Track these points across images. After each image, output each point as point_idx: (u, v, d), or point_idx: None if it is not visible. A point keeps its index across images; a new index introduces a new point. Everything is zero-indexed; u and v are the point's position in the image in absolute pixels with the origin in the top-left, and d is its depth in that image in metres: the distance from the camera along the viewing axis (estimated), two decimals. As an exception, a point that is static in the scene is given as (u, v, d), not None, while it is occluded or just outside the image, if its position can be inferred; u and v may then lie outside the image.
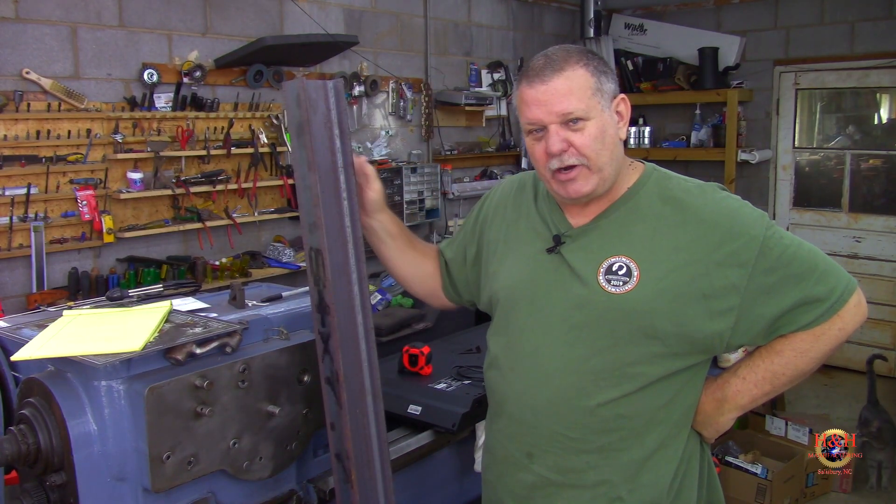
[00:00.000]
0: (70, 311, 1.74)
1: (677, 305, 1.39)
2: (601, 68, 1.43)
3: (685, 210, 1.43)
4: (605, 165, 1.43)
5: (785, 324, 1.41)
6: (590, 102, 1.40)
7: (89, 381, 1.47)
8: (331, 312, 1.51)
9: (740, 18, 5.98)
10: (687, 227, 1.42)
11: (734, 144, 5.75)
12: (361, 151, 4.78)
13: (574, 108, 1.40)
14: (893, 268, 5.48)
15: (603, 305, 1.42)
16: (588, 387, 1.45)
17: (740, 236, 1.39)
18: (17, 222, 3.30)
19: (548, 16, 6.27)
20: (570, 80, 1.40)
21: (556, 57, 1.42)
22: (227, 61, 3.97)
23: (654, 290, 1.39)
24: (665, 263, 1.41)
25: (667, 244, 1.42)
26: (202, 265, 3.80)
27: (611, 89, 1.44)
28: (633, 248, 1.43)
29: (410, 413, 2.23)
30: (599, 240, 1.47)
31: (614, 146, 1.45)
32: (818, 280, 1.39)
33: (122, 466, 1.48)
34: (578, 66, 1.41)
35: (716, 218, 1.41)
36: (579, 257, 1.47)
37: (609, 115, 1.43)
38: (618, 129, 1.46)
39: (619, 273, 1.42)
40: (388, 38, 4.97)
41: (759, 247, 1.38)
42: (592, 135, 1.41)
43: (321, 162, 1.49)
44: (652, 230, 1.44)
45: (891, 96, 5.73)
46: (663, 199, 1.46)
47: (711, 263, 1.38)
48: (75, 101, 3.46)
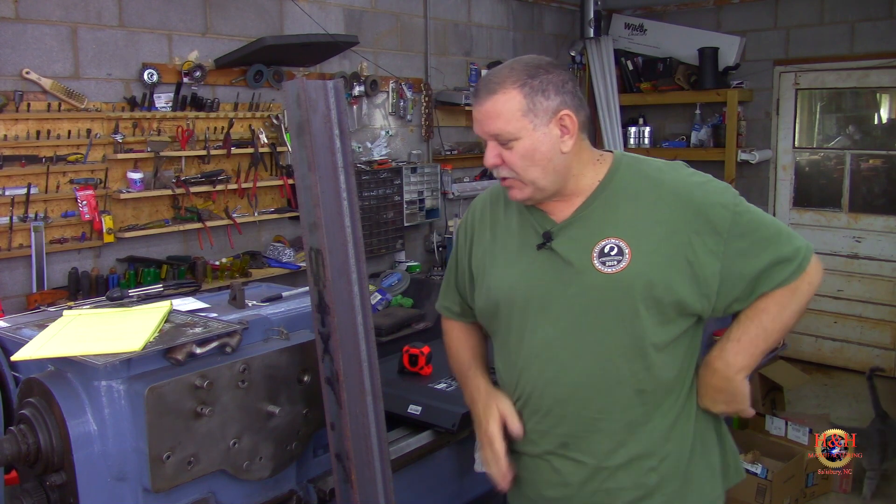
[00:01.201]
0: (70, 311, 1.74)
1: (669, 274, 1.48)
2: (541, 87, 1.48)
3: (660, 187, 1.53)
4: (536, 179, 1.52)
5: (763, 282, 1.51)
6: (518, 124, 1.48)
7: (89, 381, 1.47)
8: (331, 312, 1.51)
9: (740, 18, 5.98)
10: (664, 201, 1.51)
11: (734, 144, 5.75)
12: (361, 151, 4.78)
13: (500, 129, 1.50)
14: (893, 268, 5.48)
15: (602, 286, 1.50)
16: (605, 368, 1.52)
17: (713, 206, 1.50)
18: (17, 222, 3.30)
19: (548, 16, 6.27)
20: (498, 103, 1.49)
21: (493, 78, 1.51)
22: (227, 61, 3.97)
23: (647, 263, 1.48)
24: (651, 237, 1.50)
25: (649, 219, 1.51)
26: (202, 265, 3.80)
27: (550, 107, 1.49)
28: (619, 228, 1.52)
29: (410, 413, 2.23)
30: (586, 228, 1.54)
31: (548, 161, 1.51)
32: (785, 242, 1.52)
33: (122, 466, 1.48)
34: (513, 88, 1.48)
35: (689, 190, 1.52)
36: (570, 247, 1.54)
37: (544, 133, 1.50)
38: (560, 143, 1.51)
39: (612, 254, 1.50)
40: (388, 38, 4.97)
41: (731, 215, 1.49)
42: (520, 153, 1.50)
43: (321, 162, 1.49)
44: (634, 209, 1.53)
45: (891, 96, 5.73)
46: (637, 178, 1.56)
47: (691, 233, 1.48)
48: (75, 101, 3.46)
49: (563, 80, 1.52)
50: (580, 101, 1.54)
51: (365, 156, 4.78)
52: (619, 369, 1.52)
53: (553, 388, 1.57)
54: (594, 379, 1.53)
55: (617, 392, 1.53)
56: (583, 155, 1.57)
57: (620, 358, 1.51)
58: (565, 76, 1.53)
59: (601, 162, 1.59)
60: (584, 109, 1.56)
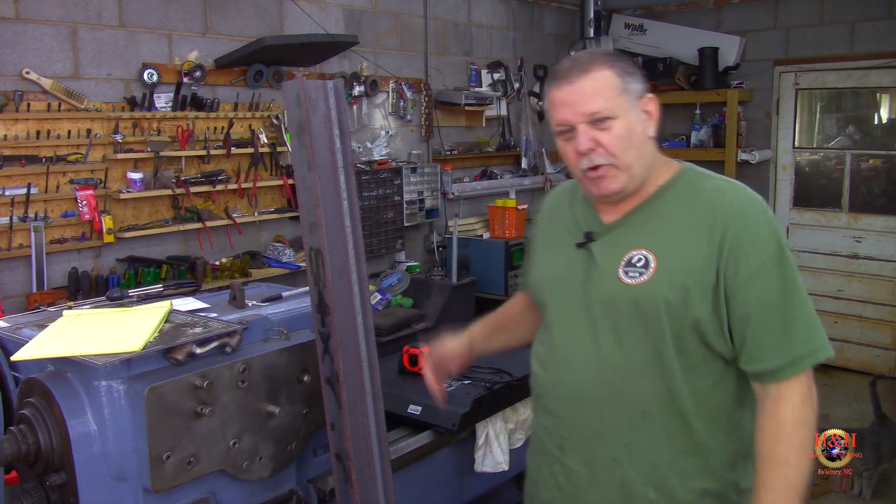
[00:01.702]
0: (70, 311, 1.74)
1: (689, 299, 1.42)
2: (627, 69, 1.47)
3: (709, 207, 1.46)
4: (632, 163, 1.46)
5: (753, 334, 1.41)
6: (616, 102, 1.44)
7: (89, 381, 1.47)
8: (331, 312, 1.51)
9: (740, 18, 5.98)
10: (705, 224, 1.44)
11: (734, 144, 5.75)
12: (361, 151, 4.78)
13: (600, 107, 1.43)
14: (893, 268, 5.48)
15: (620, 297, 1.46)
16: (611, 380, 1.48)
17: (751, 245, 1.41)
18: (17, 222, 3.30)
19: (548, 16, 6.27)
20: (595, 80, 1.44)
21: (582, 59, 1.47)
22: (227, 61, 3.97)
23: (668, 282, 1.43)
24: (682, 257, 1.44)
25: (686, 239, 1.45)
26: (202, 265, 3.80)
27: (637, 89, 1.47)
28: (654, 241, 1.47)
29: (410, 413, 2.24)
30: (625, 235, 1.51)
31: (641, 144, 1.48)
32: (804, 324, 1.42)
33: (122, 466, 1.48)
34: (604, 67, 1.44)
35: (734, 223, 1.42)
36: (605, 252, 1.51)
37: (636, 114, 1.47)
38: (646, 127, 1.49)
39: (638, 265, 1.46)
40: (388, 38, 4.96)
41: (762, 263, 1.41)
42: (619, 133, 1.44)
43: (321, 162, 1.49)
44: (675, 225, 1.47)
45: (891, 96, 5.73)
46: (692, 195, 1.49)
47: (722, 263, 1.41)
48: (75, 101, 3.46)
49: (638, 68, 1.52)
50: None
51: (365, 156, 4.78)
52: (626, 386, 1.47)
53: (560, 388, 1.56)
54: (599, 389, 1.49)
55: (620, 408, 1.48)
56: (655, 151, 1.54)
57: (631, 376, 1.46)
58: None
59: (666, 168, 1.55)
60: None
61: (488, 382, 2.37)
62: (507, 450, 2.38)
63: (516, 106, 5.92)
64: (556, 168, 6.15)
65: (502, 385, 2.37)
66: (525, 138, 5.92)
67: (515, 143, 5.90)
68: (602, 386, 1.49)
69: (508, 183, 5.73)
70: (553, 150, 6.23)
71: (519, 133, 5.94)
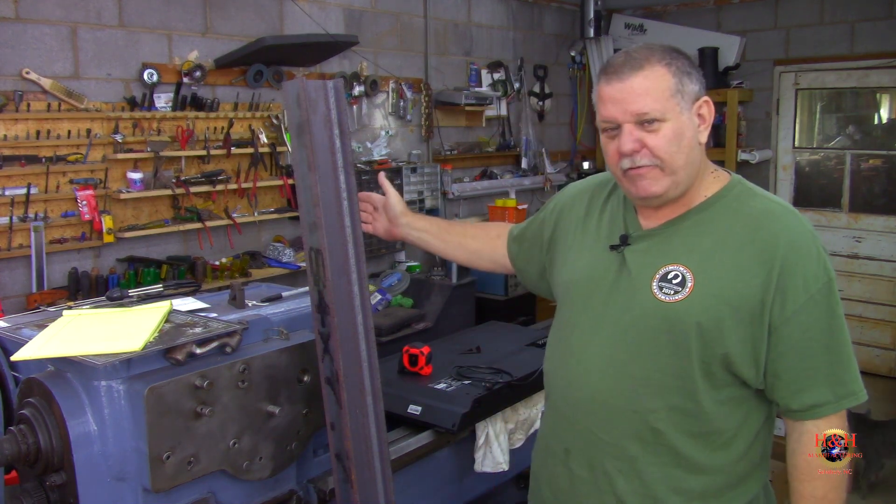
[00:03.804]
0: (70, 311, 1.74)
1: (724, 325, 1.35)
2: (685, 69, 1.39)
3: (757, 231, 1.38)
4: (679, 168, 1.39)
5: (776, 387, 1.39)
6: (667, 104, 1.37)
7: (89, 381, 1.47)
8: (331, 312, 1.51)
9: (740, 18, 5.98)
10: (753, 249, 1.36)
11: (734, 144, 5.75)
12: (361, 151, 4.78)
13: (650, 108, 1.36)
14: (893, 268, 5.48)
15: (650, 312, 1.40)
16: (626, 391, 1.44)
17: (801, 279, 1.35)
18: (17, 222, 3.30)
19: (548, 16, 6.27)
20: (648, 79, 1.36)
21: (638, 55, 1.39)
22: (227, 61, 3.97)
23: (703, 305, 1.36)
24: (721, 280, 1.36)
25: (728, 261, 1.37)
26: (202, 265, 3.80)
27: (693, 91, 1.39)
28: (693, 258, 1.40)
29: (410, 413, 2.23)
30: (663, 245, 1.44)
31: (690, 150, 1.40)
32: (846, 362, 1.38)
33: (122, 466, 1.47)
34: (660, 64, 1.37)
35: (785, 252, 1.35)
36: (639, 260, 1.45)
37: (688, 118, 1.39)
38: (698, 132, 1.41)
39: (673, 282, 1.39)
40: (388, 38, 4.96)
41: (811, 297, 1.35)
42: (667, 137, 1.37)
43: (321, 162, 1.49)
44: (717, 244, 1.39)
45: (891, 96, 5.73)
46: (739, 214, 1.41)
47: (769, 292, 1.35)
48: (75, 101, 3.46)
49: (696, 67, 1.41)
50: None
51: (365, 156, 4.78)
52: (638, 399, 1.42)
53: (572, 392, 1.52)
54: (611, 399, 1.45)
55: (630, 421, 1.44)
56: (704, 159, 1.45)
57: (644, 389, 1.42)
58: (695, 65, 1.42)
59: (715, 178, 1.47)
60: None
61: (488, 382, 2.37)
62: (507, 450, 2.38)
63: (516, 106, 5.93)
64: (556, 168, 6.15)
65: (502, 385, 2.37)
66: (525, 138, 5.92)
67: (515, 143, 5.90)
68: (615, 396, 1.45)
69: (508, 183, 5.73)
70: (553, 151, 6.23)
71: (519, 133, 5.94)
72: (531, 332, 3.07)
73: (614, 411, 1.45)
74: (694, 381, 1.39)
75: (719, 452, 1.44)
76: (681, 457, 1.43)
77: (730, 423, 1.43)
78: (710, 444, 1.43)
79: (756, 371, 1.39)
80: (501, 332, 3.09)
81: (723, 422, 1.42)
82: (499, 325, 3.29)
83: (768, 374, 1.39)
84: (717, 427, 1.42)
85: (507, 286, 4.94)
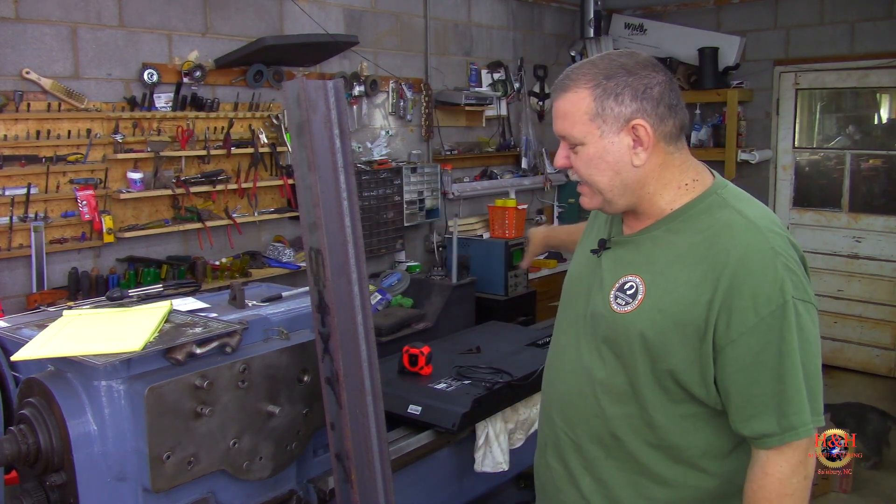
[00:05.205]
0: (70, 311, 1.74)
1: (668, 341, 1.34)
2: (615, 90, 1.34)
3: (712, 246, 1.33)
4: (604, 189, 1.40)
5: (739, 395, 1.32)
6: (584, 128, 1.36)
7: (89, 381, 1.47)
8: (331, 312, 1.51)
9: (740, 18, 5.98)
10: (705, 265, 1.32)
11: (734, 144, 5.75)
12: (361, 151, 4.78)
13: (566, 132, 1.40)
14: (893, 268, 5.48)
15: (606, 321, 1.42)
16: (589, 395, 1.47)
17: (749, 300, 1.28)
18: (17, 222, 3.30)
19: (548, 16, 6.27)
20: (567, 101, 1.38)
21: (571, 74, 1.40)
22: (227, 61, 3.97)
23: (650, 319, 1.35)
24: (671, 295, 1.35)
25: (682, 277, 1.35)
26: (202, 265, 3.80)
27: (622, 114, 1.34)
28: (650, 270, 1.39)
29: (410, 413, 2.23)
30: (630, 254, 1.44)
31: (615, 173, 1.38)
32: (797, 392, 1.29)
33: (122, 466, 1.48)
34: (585, 87, 1.35)
35: (734, 270, 1.29)
36: (609, 266, 1.47)
37: (611, 141, 1.36)
38: (631, 154, 1.36)
39: (628, 292, 1.40)
40: (388, 38, 4.96)
41: (761, 320, 1.28)
42: (584, 159, 1.39)
43: (321, 162, 1.49)
44: (676, 258, 1.37)
45: (891, 96, 5.73)
46: (703, 227, 1.37)
47: (713, 310, 1.30)
48: (75, 101, 3.46)
49: (648, 84, 1.35)
50: (669, 110, 1.36)
51: (365, 156, 4.78)
52: (600, 404, 1.45)
53: (550, 389, 1.60)
54: (579, 401, 1.49)
55: (595, 424, 1.46)
56: (666, 173, 1.40)
57: (606, 396, 1.43)
58: (652, 80, 1.35)
59: (689, 189, 1.41)
60: (675, 119, 1.37)
61: (488, 382, 2.37)
62: (507, 450, 2.38)
63: (516, 106, 5.93)
64: (556, 168, 6.14)
65: (502, 385, 2.37)
66: (525, 138, 5.92)
67: (515, 143, 5.90)
68: (582, 399, 1.48)
69: (508, 183, 5.73)
70: (553, 151, 6.23)
71: (519, 133, 5.94)
72: (531, 332, 3.07)
73: (579, 413, 1.49)
74: (643, 392, 1.39)
75: (685, 468, 1.41)
76: (642, 465, 1.43)
77: (691, 441, 1.40)
78: (673, 457, 1.41)
79: (706, 390, 1.35)
80: (501, 332, 3.10)
81: (681, 438, 1.40)
82: (499, 325, 3.30)
83: (721, 396, 1.35)
84: (678, 442, 1.40)
85: (507, 286, 4.94)
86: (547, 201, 6.22)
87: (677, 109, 1.38)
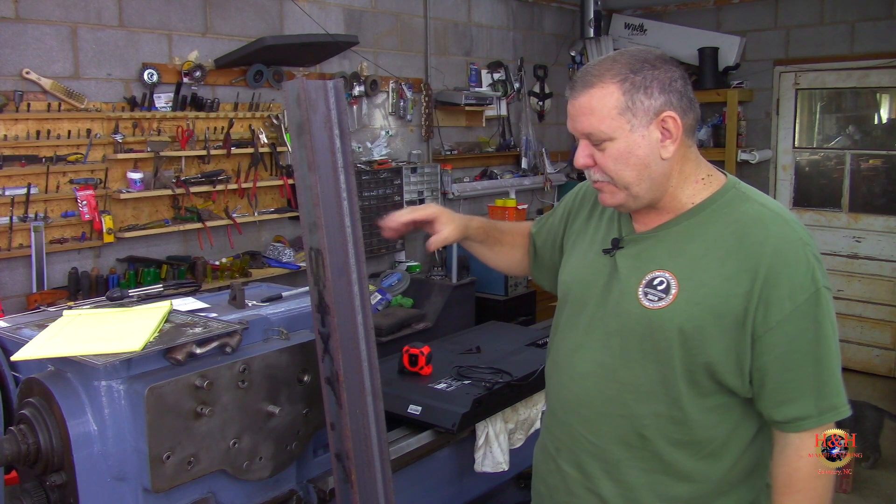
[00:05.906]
0: (70, 311, 1.74)
1: (706, 333, 1.35)
2: (643, 83, 1.34)
3: (744, 238, 1.35)
4: (630, 184, 1.38)
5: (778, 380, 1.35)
6: (613, 123, 1.35)
7: (89, 381, 1.47)
8: (331, 312, 1.51)
9: (740, 18, 5.99)
10: (739, 256, 1.34)
11: (734, 144, 5.75)
12: (361, 151, 4.78)
13: (594, 128, 1.37)
14: (893, 268, 5.48)
15: (636, 318, 1.40)
16: (613, 396, 1.44)
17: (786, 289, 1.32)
18: (17, 222, 3.30)
19: (548, 16, 6.27)
20: (594, 98, 1.36)
21: (594, 70, 1.38)
22: (227, 61, 3.97)
23: (687, 312, 1.35)
24: (706, 288, 1.35)
25: (714, 269, 1.35)
26: (202, 265, 3.80)
27: (652, 106, 1.35)
28: (679, 265, 1.39)
29: (410, 413, 2.23)
30: (651, 250, 1.43)
31: (645, 167, 1.37)
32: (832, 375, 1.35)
33: (122, 466, 1.48)
34: (612, 82, 1.34)
35: (770, 261, 1.32)
36: (628, 264, 1.45)
37: (641, 135, 1.35)
38: (659, 147, 1.37)
39: (658, 288, 1.39)
40: (388, 38, 4.96)
41: (797, 307, 1.32)
42: (613, 155, 1.37)
43: (321, 162, 1.49)
44: (705, 251, 1.38)
45: (891, 96, 5.73)
46: (728, 220, 1.38)
47: (752, 301, 1.33)
48: (75, 101, 3.46)
49: (672, 77, 1.36)
50: (690, 104, 1.38)
51: (365, 156, 4.78)
52: (625, 404, 1.43)
53: (563, 393, 1.55)
54: (599, 403, 1.46)
55: (618, 425, 1.45)
56: (686, 167, 1.42)
57: (631, 395, 1.42)
58: (674, 73, 1.37)
59: (706, 183, 1.43)
60: (694, 112, 1.39)
61: (488, 382, 2.37)
62: (507, 450, 2.38)
63: (516, 106, 5.93)
64: (556, 168, 6.15)
65: (502, 385, 2.37)
66: (525, 138, 5.92)
67: (515, 143, 5.91)
68: (603, 400, 1.46)
69: (508, 183, 5.73)
70: (553, 150, 6.23)
71: (519, 133, 5.94)
72: (531, 332, 3.07)
73: (601, 415, 1.46)
74: (678, 388, 1.39)
75: (707, 461, 1.43)
76: (666, 464, 1.43)
77: (718, 432, 1.42)
78: (698, 452, 1.42)
79: (742, 380, 1.37)
80: (501, 332, 3.10)
81: (710, 430, 1.41)
82: (499, 325, 3.29)
83: (754, 384, 1.38)
84: (705, 436, 1.41)
85: (507, 286, 4.94)
86: (547, 201, 6.22)
87: (694, 103, 1.40)
